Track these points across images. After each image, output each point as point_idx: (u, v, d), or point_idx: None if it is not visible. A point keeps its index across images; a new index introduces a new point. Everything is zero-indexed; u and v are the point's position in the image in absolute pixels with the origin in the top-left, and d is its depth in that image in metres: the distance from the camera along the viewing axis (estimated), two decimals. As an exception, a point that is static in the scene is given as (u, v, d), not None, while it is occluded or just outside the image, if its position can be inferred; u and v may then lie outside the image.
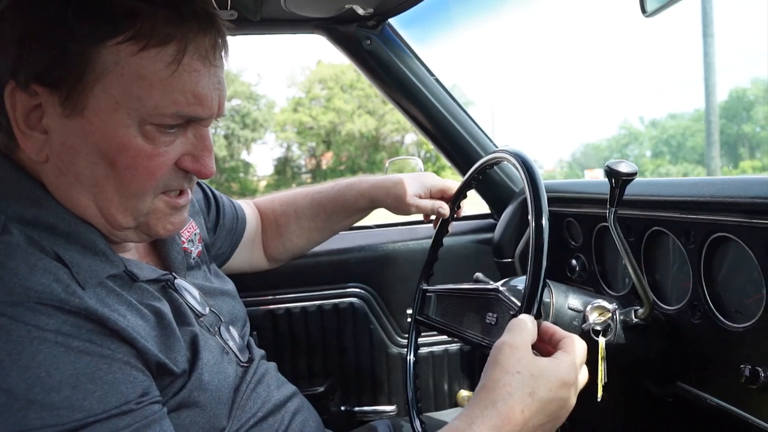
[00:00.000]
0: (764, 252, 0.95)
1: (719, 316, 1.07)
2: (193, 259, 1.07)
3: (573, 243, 1.53)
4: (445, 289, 1.29)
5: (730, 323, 1.05)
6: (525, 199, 0.97)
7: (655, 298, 1.19)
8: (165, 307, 0.85)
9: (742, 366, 0.99)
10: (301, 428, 1.04)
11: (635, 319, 1.11)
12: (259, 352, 1.09)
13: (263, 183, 33.69)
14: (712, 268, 1.09)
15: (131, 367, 0.74)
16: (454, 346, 1.85)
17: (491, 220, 1.90)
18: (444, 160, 1.88)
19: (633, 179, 0.98)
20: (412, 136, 31.74)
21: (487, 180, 1.81)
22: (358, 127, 30.78)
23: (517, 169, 1.04)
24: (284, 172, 33.73)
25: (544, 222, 0.93)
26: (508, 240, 1.68)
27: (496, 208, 1.86)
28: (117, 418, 0.70)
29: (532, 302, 0.89)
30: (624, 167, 0.97)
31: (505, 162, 1.13)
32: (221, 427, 0.88)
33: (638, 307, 1.12)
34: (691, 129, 33.42)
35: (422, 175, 1.46)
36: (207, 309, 0.98)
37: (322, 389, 1.70)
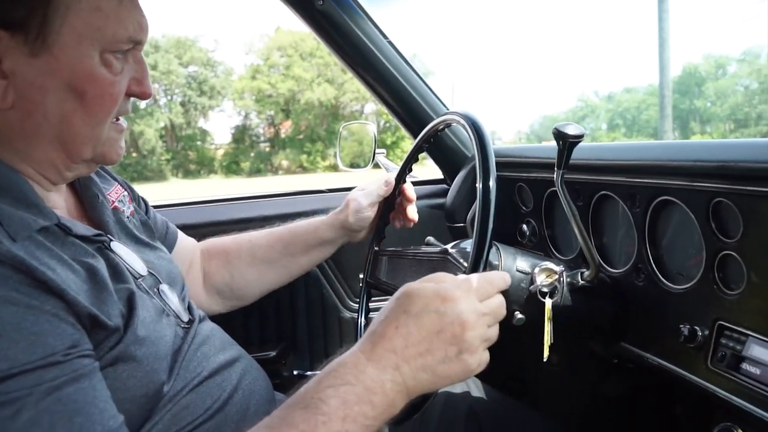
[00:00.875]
0: (705, 215, 0.98)
1: (662, 277, 1.10)
2: (127, 218, 1.06)
3: (524, 208, 1.54)
4: (396, 251, 1.29)
5: (671, 285, 1.08)
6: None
7: (601, 261, 1.21)
8: (100, 264, 0.83)
9: (681, 326, 1.02)
10: (250, 390, 1.03)
11: (581, 281, 1.12)
12: (200, 313, 1.08)
13: (221, 152, 33.10)
14: (657, 231, 1.12)
15: (59, 320, 0.72)
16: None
17: (444, 186, 1.90)
18: (403, 130, 1.86)
19: (580, 141, 0.99)
20: (372, 105, 31.51)
21: (440, 145, 1.81)
22: (318, 96, 30.37)
23: (466, 130, 1.04)
24: (242, 140, 33.15)
25: (492, 183, 0.93)
26: (460, 205, 1.69)
27: (449, 173, 1.86)
28: (43, 369, 0.68)
29: (477, 262, 0.89)
30: (571, 129, 0.98)
31: (457, 125, 1.12)
32: (161, 382, 0.86)
33: (585, 270, 1.14)
34: (646, 102, 33.99)
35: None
36: (145, 271, 0.97)
37: (273, 354, 1.69)
